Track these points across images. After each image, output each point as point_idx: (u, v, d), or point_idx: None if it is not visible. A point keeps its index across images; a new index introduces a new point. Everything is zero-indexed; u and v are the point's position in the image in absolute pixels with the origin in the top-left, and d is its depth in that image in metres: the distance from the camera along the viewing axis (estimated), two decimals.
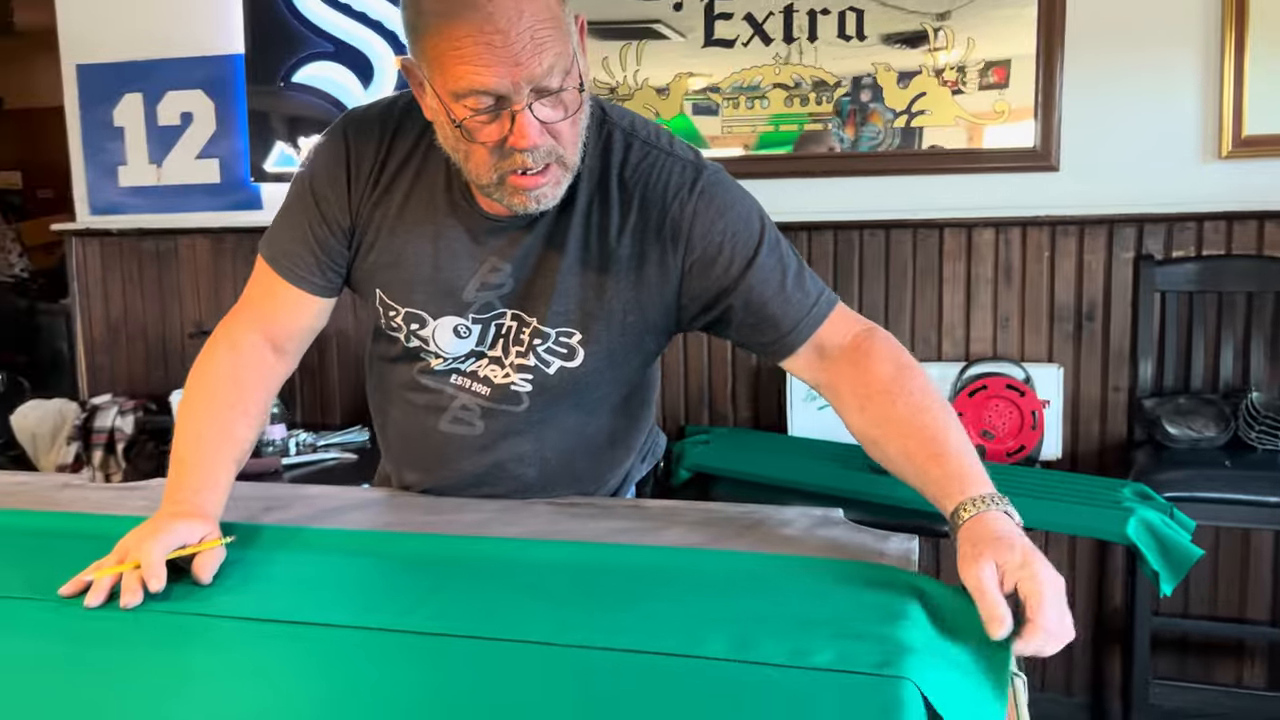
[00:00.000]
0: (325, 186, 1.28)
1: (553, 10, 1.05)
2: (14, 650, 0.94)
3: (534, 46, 1.03)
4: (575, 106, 1.10)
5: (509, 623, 0.96)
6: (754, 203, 1.26)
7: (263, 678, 0.88)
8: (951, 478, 1.08)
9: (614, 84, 2.80)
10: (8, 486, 1.51)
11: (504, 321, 1.28)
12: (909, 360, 1.20)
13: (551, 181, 1.14)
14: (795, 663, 0.88)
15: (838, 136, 2.69)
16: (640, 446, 1.52)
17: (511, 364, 1.29)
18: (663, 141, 1.25)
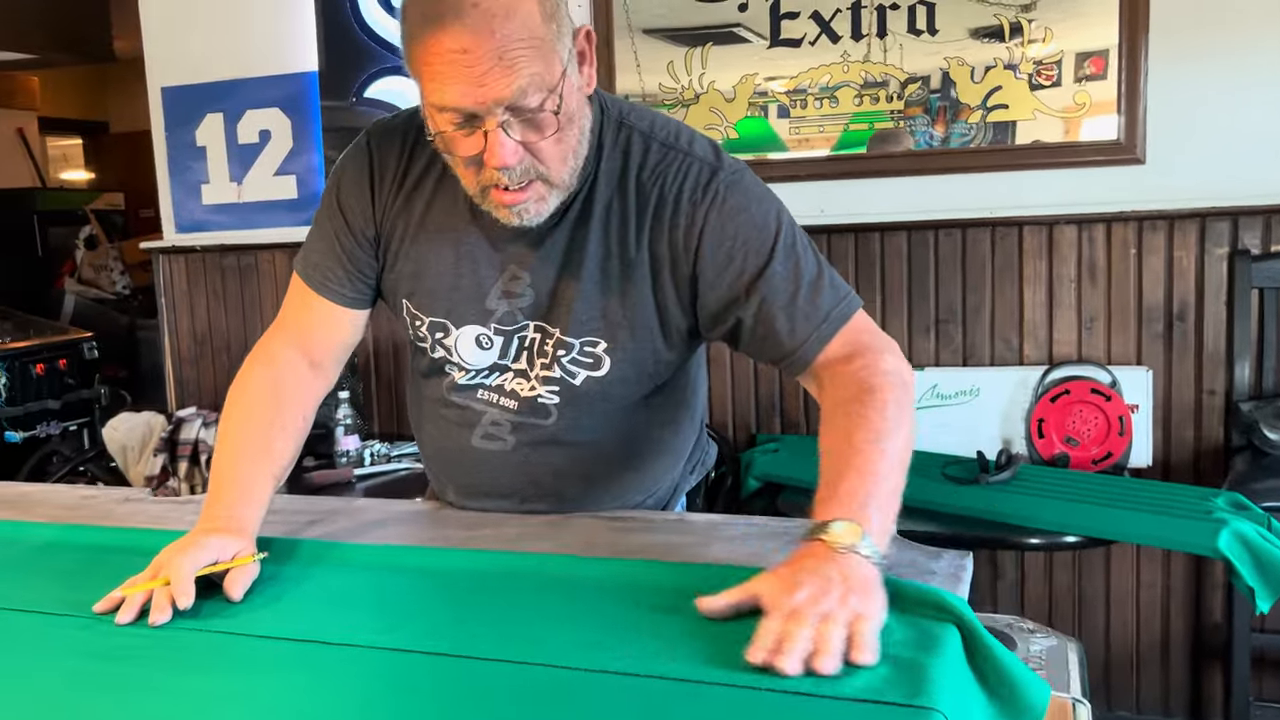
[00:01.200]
0: (350, 197, 1.29)
1: (532, 29, 1.03)
2: (45, 666, 0.95)
3: (502, 68, 1.02)
4: (555, 127, 1.08)
5: (528, 646, 0.93)
6: (773, 205, 1.22)
7: (284, 698, 0.87)
8: (829, 499, 1.02)
9: (680, 88, 2.77)
10: (74, 501, 1.55)
11: (527, 334, 1.27)
12: (881, 384, 1.11)
13: (534, 198, 1.13)
14: (821, 691, 0.83)
15: (925, 134, 2.61)
16: (687, 456, 1.48)
17: (537, 376, 1.28)
18: (681, 142, 1.22)
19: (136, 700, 0.87)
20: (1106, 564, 2.56)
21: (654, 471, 1.41)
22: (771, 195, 1.23)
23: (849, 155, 2.67)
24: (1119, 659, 2.59)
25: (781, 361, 1.21)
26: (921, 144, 2.61)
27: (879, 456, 1.05)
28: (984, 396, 2.53)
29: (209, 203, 3.26)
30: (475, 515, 1.38)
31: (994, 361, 2.59)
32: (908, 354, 2.55)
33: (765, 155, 2.72)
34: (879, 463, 1.04)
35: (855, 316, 1.20)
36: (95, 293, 5.46)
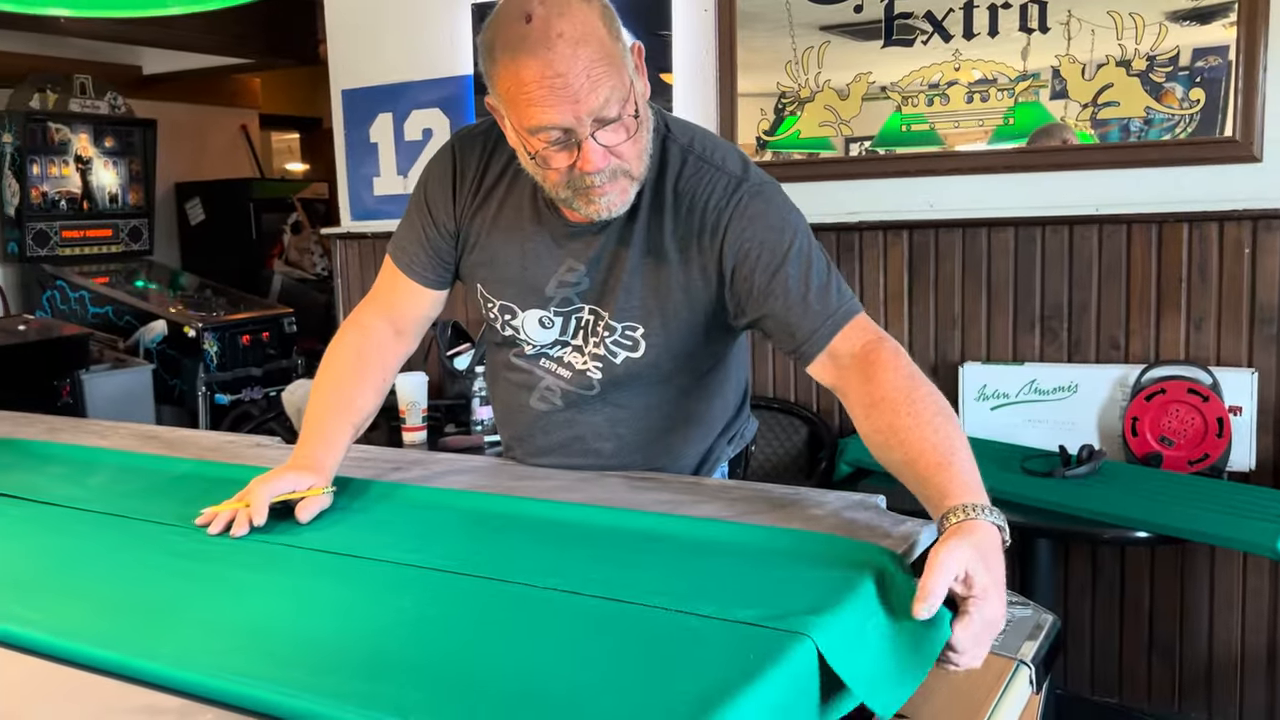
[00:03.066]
0: (436, 195, 1.50)
1: (606, 48, 1.20)
2: (152, 560, 1.22)
3: (590, 84, 1.19)
4: (634, 129, 1.25)
5: (517, 569, 1.12)
6: (790, 215, 1.36)
7: (324, 596, 1.09)
8: (951, 484, 1.13)
9: (796, 86, 2.88)
10: (215, 444, 1.86)
11: (582, 315, 1.45)
12: (913, 371, 1.25)
13: (618, 191, 1.30)
14: (718, 615, 0.98)
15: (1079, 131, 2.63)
16: (723, 428, 1.64)
17: (589, 353, 1.47)
18: (715, 157, 1.38)
19: (212, 589, 1.12)
20: (1210, 569, 2.52)
21: (687, 438, 1.57)
22: (790, 207, 1.37)
23: (958, 152, 2.72)
24: (1222, 667, 2.54)
25: (793, 353, 1.35)
26: None
27: (946, 438, 1.18)
28: (1082, 393, 2.54)
29: (379, 193, 3.63)
30: (525, 469, 1.59)
31: (1098, 359, 2.58)
32: (1011, 350, 2.61)
33: (888, 151, 2.80)
34: (945, 443, 1.17)
35: (859, 316, 1.33)
36: (299, 274, 6.06)
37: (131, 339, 4.65)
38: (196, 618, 1.03)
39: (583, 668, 0.90)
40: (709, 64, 3.01)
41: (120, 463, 1.68)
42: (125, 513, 1.38)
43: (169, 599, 1.08)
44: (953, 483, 1.13)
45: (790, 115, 2.90)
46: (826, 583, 1.05)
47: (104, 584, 1.13)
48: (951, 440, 1.18)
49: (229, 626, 1.00)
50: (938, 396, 1.23)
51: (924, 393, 1.22)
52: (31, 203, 4.84)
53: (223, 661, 0.90)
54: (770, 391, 3.02)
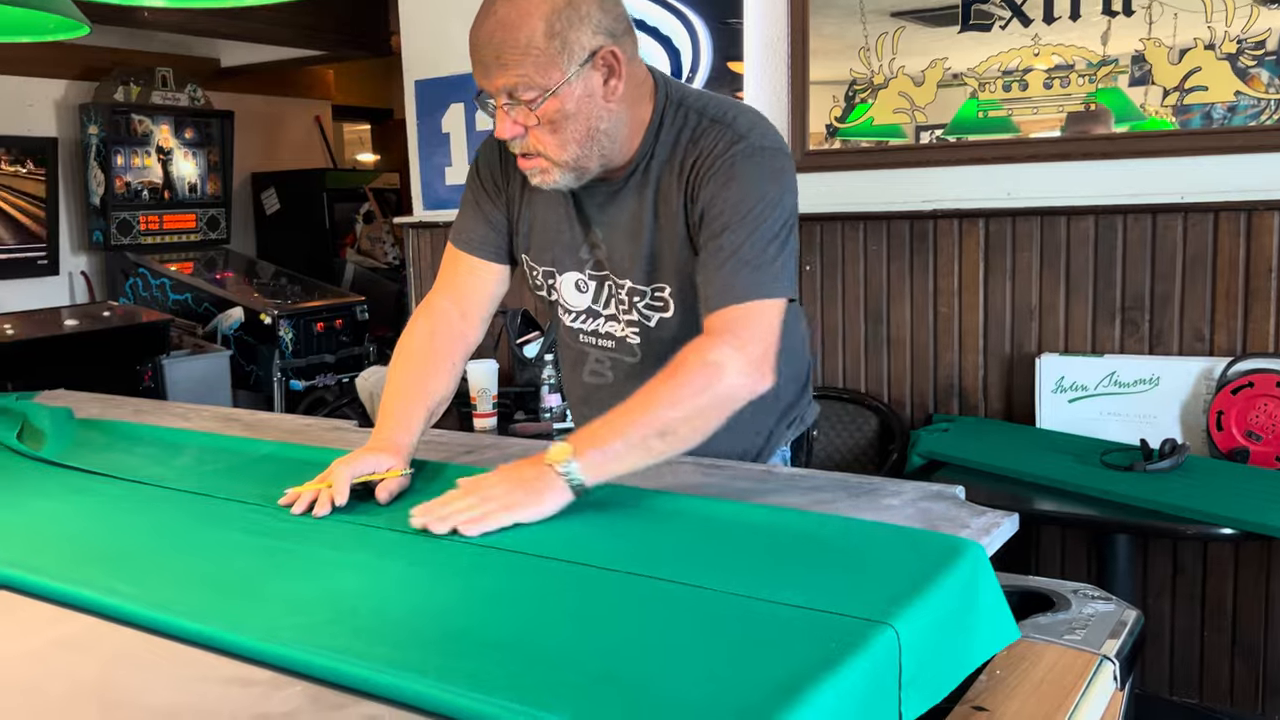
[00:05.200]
0: (487, 173, 1.58)
1: (532, 42, 1.30)
2: (235, 538, 1.25)
3: (498, 65, 1.32)
4: (549, 120, 1.33)
5: (592, 552, 1.13)
6: (770, 189, 1.36)
7: (399, 574, 1.11)
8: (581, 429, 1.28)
9: (869, 73, 2.85)
10: (296, 427, 1.90)
11: (612, 282, 1.51)
12: (700, 368, 1.30)
13: (538, 169, 1.40)
14: (797, 603, 0.98)
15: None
16: (781, 410, 1.64)
17: (624, 319, 1.53)
18: (727, 117, 1.41)
19: (296, 566, 1.14)
20: None
21: (739, 414, 1.53)
22: (776, 181, 1.38)
23: (1037, 139, 2.66)
24: None
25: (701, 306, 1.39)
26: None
27: (642, 416, 1.26)
28: (1164, 386, 2.47)
29: (450, 183, 3.67)
30: None
31: (1181, 351, 2.51)
32: (1090, 341, 2.55)
33: (964, 138, 2.76)
34: (639, 420, 1.26)
35: (756, 303, 1.33)
36: (371, 262, 6.16)
37: (210, 325, 4.77)
38: (282, 593, 1.05)
39: (660, 652, 0.90)
40: (780, 52, 2.98)
41: (204, 444, 1.72)
42: (210, 492, 1.42)
43: (254, 575, 1.11)
44: (581, 429, 1.28)
45: (862, 102, 2.87)
46: (906, 573, 1.04)
47: (193, 560, 1.16)
48: (631, 409, 1.27)
49: (313, 602, 1.02)
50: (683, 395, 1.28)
51: (672, 382, 1.29)
52: (115, 192, 4.98)
53: (309, 636, 0.92)
54: (840, 381, 2.99)
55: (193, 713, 0.83)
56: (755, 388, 1.32)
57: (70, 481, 1.52)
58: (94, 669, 0.91)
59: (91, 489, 1.48)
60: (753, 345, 1.32)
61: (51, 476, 1.55)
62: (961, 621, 1.03)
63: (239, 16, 4.68)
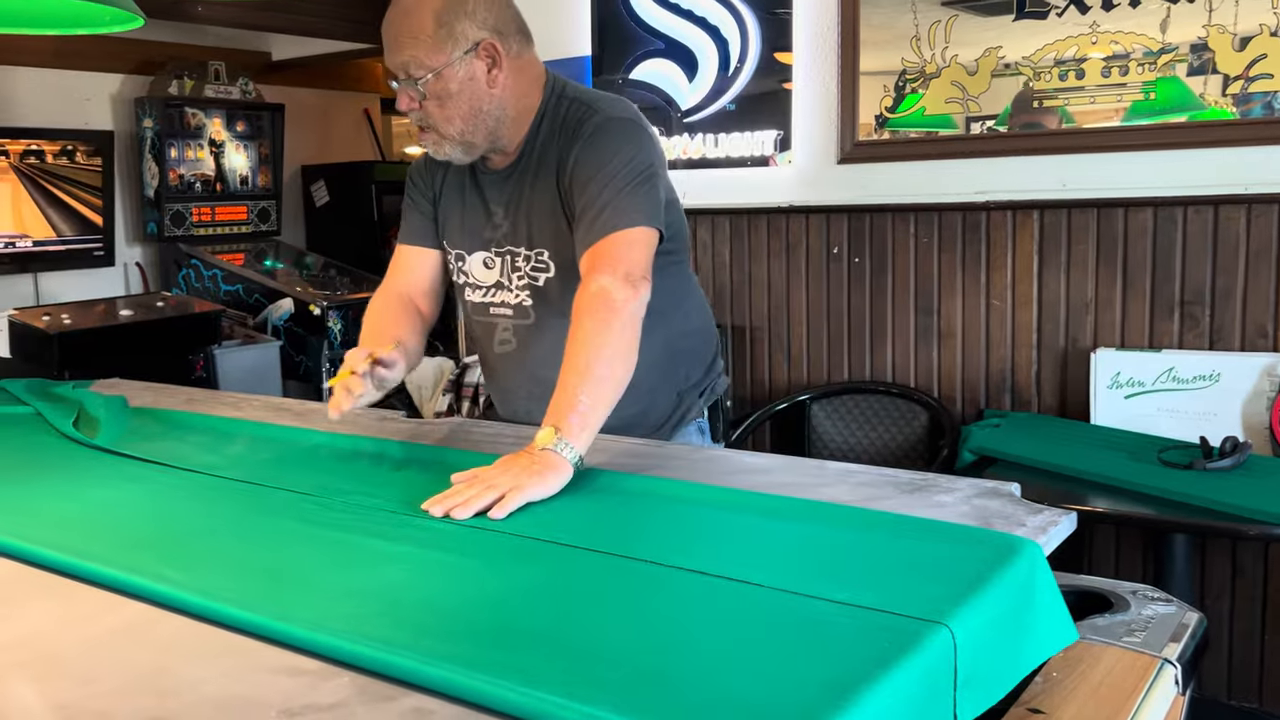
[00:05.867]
0: (417, 175, 1.79)
1: (422, 28, 1.52)
2: (285, 527, 1.25)
3: (395, 46, 1.55)
4: (433, 96, 1.54)
5: (642, 546, 1.12)
6: (628, 149, 1.54)
7: (447, 566, 1.10)
8: (557, 405, 1.38)
9: (920, 62, 2.80)
10: (346, 416, 1.91)
11: (508, 255, 1.68)
12: (594, 293, 1.45)
13: (431, 141, 1.60)
14: (850, 600, 0.96)
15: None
16: (686, 377, 1.75)
17: (518, 285, 1.68)
18: (593, 102, 1.61)
19: (344, 556, 1.14)
20: None
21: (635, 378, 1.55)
22: (630, 140, 1.56)
23: (1094, 128, 2.60)
24: None
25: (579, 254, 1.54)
26: None
27: (584, 371, 1.40)
28: (1225, 382, 2.41)
29: None
30: (648, 449, 1.58)
31: (1243, 347, 2.45)
32: (1147, 336, 2.50)
33: (1018, 128, 2.71)
34: (583, 375, 1.39)
35: (617, 234, 1.50)
36: None
37: (260, 316, 4.82)
38: (331, 583, 1.05)
39: (710, 649, 0.89)
40: (830, 41, 2.94)
41: (255, 433, 1.74)
42: (261, 481, 1.43)
43: (305, 564, 1.11)
44: (551, 409, 1.38)
45: (913, 93, 2.83)
46: (961, 572, 1.02)
47: (244, 548, 1.17)
48: (575, 363, 1.40)
49: (362, 592, 1.02)
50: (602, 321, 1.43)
51: (591, 318, 1.43)
52: (169, 185, 5.05)
53: (358, 626, 0.92)
54: (889, 376, 2.96)
55: (243, 702, 0.83)
56: (636, 297, 1.47)
57: (124, 469, 1.54)
58: (148, 657, 0.92)
59: (145, 477, 1.50)
60: (622, 265, 1.48)
61: (106, 464, 1.57)
62: (1018, 622, 1.00)
63: (290, 10, 4.72)
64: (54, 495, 1.41)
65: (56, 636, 0.96)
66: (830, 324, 3.04)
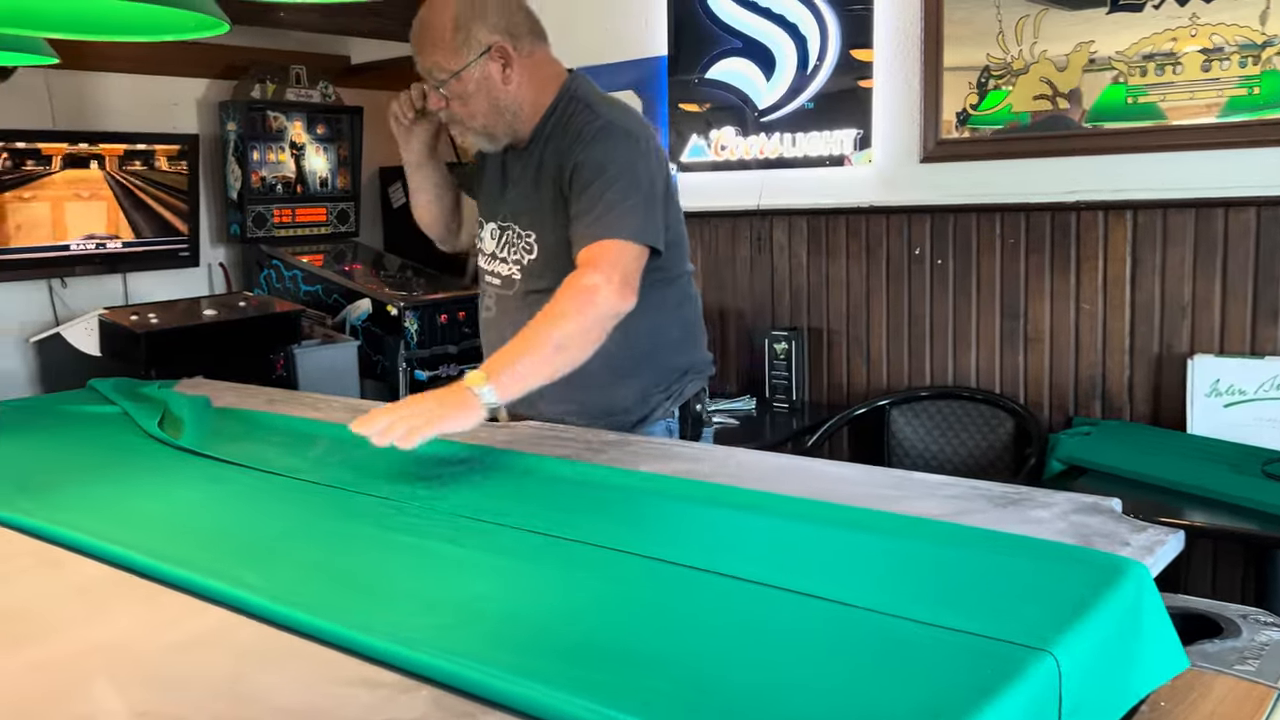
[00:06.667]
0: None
1: (441, 36, 1.69)
2: (363, 532, 1.25)
3: (421, 51, 1.73)
4: (458, 96, 1.71)
5: (725, 559, 1.09)
6: (626, 157, 1.65)
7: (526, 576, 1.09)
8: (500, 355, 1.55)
9: (1008, 58, 2.72)
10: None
11: (510, 228, 1.81)
12: (585, 286, 1.58)
13: (459, 132, 1.80)
14: (947, 624, 0.91)
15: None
16: (655, 375, 1.81)
17: (512, 259, 1.81)
18: (598, 107, 1.73)
19: (422, 563, 1.13)
20: None
21: (603, 363, 1.66)
22: (632, 151, 1.67)
23: (1192, 125, 2.49)
24: None
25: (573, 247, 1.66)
26: None
27: (539, 337, 1.54)
28: None
29: None
30: (734, 456, 1.55)
31: None
32: (1249, 342, 2.39)
33: (1110, 125, 2.61)
34: (537, 341, 1.54)
35: (613, 241, 1.61)
36: None
37: (339, 316, 4.89)
38: (410, 592, 1.04)
39: (802, 673, 0.85)
40: (912, 37, 2.87)
41: (335, 436, 1.74)
42: (342, 485, 1.43)
43: (384, 572, 1.10)
44: (501, 356, 1.54)
45: (999, 89, 2.74)
46: (1063, 595, 0.97)
47: (323, 553, 1.17)
48: (525, 334, 1.56)
49: (442, 603, 1.00)
50: (565, 311, 1.56)
51: (556, 305, 1.57)
52: (251, 187, 5.15)
53: (437, 639, 0.90)
54: (972, 380, 2.87)
55: (319, 715, 0.82)
56: (620, 306, 1.59)
57: (207, 470, 1.55)
58: (228, 664, 0.91)
59: (227, 478, 1.51)
60: (616, 272, 1.59)
61: (190, 465, 1.59)
62: (1125, 649, 0.95)
63: (370, 14, 4.78)
64: (140, 496, 1.43)
65: (140, 641, 0.96)
66: (911, 327, 2.96)
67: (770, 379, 3.11)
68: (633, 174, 1.64)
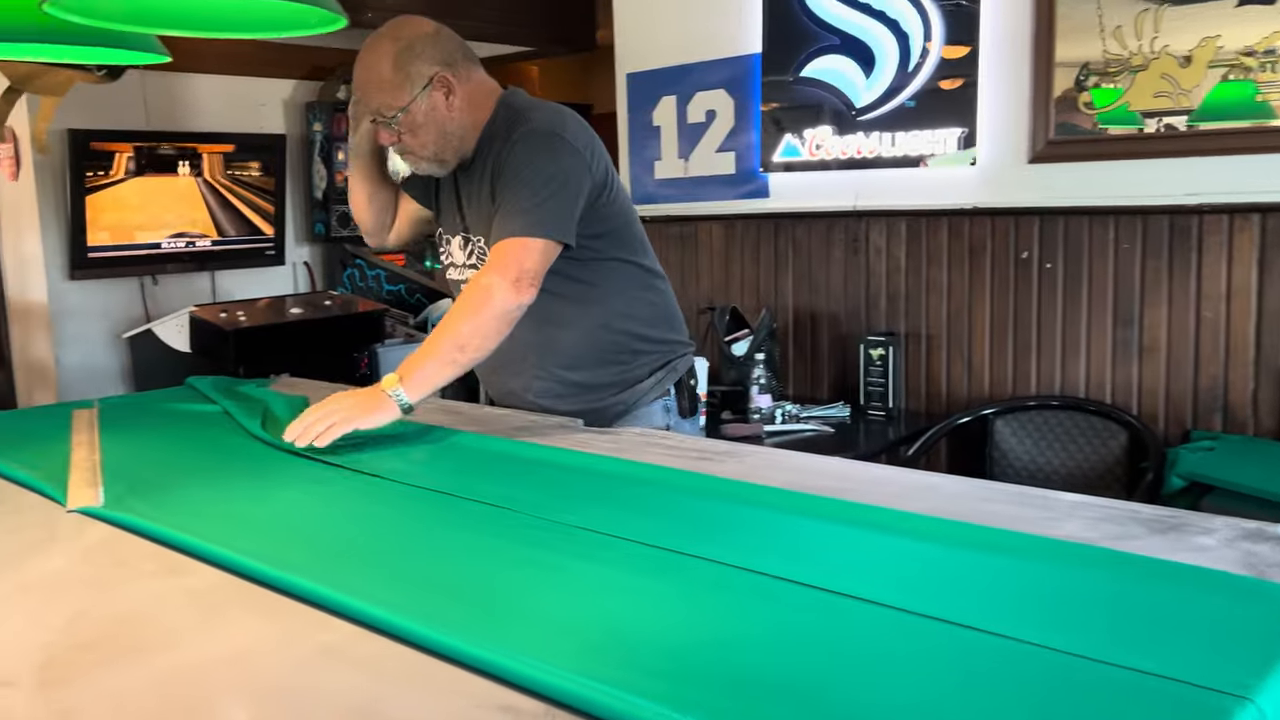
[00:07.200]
0: None
1: (382, 78, 1.77)
2: (485, 543, 1.20)
3: (366, 95, 1.81)
4: (406, 129, 1.79)
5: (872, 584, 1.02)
6: (544, 161, 1.74)
7: (675, 599, 1.03)
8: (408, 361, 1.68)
9: (1127, 54, 2.60)
10: (524, 423, 1.87)
11: (473, 240, 1.90)
12: (481, 286, 1.70)
13: (412, 162, 1.87)
14: (1124, 663, 0.84)
15: None
16: (629, 359, 1.90)
17: (474, 265, 1.88)
18: (528, 113, 1.82)
19: (557, 581, 1.07)
20: None
21: (569, 348, 1.88)
22: (555, 155, 1.75)
23: None
24: None
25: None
26: None
27: (441, 339, 1.68)
28: None
29: (660, 177, 3.61)
30: (860, 470, 1.48)
31: None
32: None
33: (1236, 123, 2.48)
34: (440, 342, 1.68)
35: (515, 240, 1.71)
36: None
37: (421, 316, 4.90)
38: (549, 613, 0.98)
39: (979, 713, 0.78)
40: (1022, 32, 2.76)
41: (436, 439, 1.70)
42: (452, 490, 1.39)
43: (517, 589, 1.05)
44: (411, 361, 1.67)
45: (1115, 86, 2.62)
46: (1252, 634, 0.88)
47: (443, 565, 1.12)
48: (432, 338, 1.70)
49: (582, 625, 0.95)
50: (462, 313, 1.69)
51: (455, 309, 1.72)
52: (336, 186, 5.19)
53: (584, 665, 0.84)
54: (1082, 391, 2.75)
55: None
56: (517, 300, 1.69)
57: (313, 473, 1.53)
58: (361, 684, 0.87)
59: (333, 480, 1.48)
60: (511, 270, 1.69)
61: (296, 467, 1.56)
62: None
63: (456, 15, 4.78)
64: (250, 499, 1.41)
65: (266, 656, 0.93)
66: (1016, 334, 2.85)
67: (865, 385, 3.02)
68: (545, 173, 1.73)
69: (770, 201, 3.28)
